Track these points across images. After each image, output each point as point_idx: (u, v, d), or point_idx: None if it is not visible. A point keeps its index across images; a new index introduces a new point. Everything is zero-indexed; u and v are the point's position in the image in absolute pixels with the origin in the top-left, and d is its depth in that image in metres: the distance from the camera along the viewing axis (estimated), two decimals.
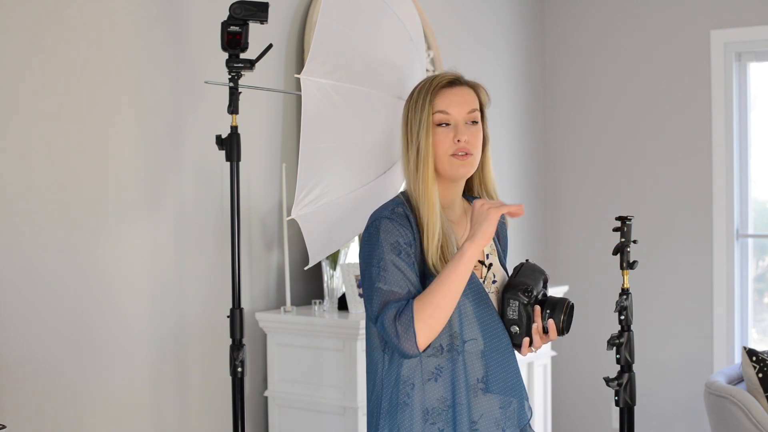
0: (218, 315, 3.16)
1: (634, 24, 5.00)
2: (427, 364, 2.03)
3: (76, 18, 2.76)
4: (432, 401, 2.02)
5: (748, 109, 4.81)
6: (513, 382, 2.07)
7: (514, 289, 2.08)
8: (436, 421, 2.02)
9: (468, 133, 2.07)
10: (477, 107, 2.09)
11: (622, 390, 2.43)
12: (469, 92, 2.10)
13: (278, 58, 3.42)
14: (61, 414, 2.72)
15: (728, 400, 3.67)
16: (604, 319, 4.60)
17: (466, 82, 2.12)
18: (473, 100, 2.09)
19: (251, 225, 3.31)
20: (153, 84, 2.99)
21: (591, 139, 5.11)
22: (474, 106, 2.09)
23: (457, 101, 2.07)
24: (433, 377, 2.03)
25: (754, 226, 4.84)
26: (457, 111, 2.07)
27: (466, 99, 2.08)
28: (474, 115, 2.08)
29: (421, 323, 1.95)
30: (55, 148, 2.71)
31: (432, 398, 2.02)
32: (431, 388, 2.03)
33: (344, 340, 3.13)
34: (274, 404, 3.30)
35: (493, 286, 2.12)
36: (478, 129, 2.09)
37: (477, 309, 2.05)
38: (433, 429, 2.02)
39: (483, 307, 2.06)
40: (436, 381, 2.03)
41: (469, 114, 2.08)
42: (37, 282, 2.66)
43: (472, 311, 2.04)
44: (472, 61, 4.56)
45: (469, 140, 2.06)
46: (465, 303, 2.04)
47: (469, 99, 2.09)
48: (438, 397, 2.02)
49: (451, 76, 2.11)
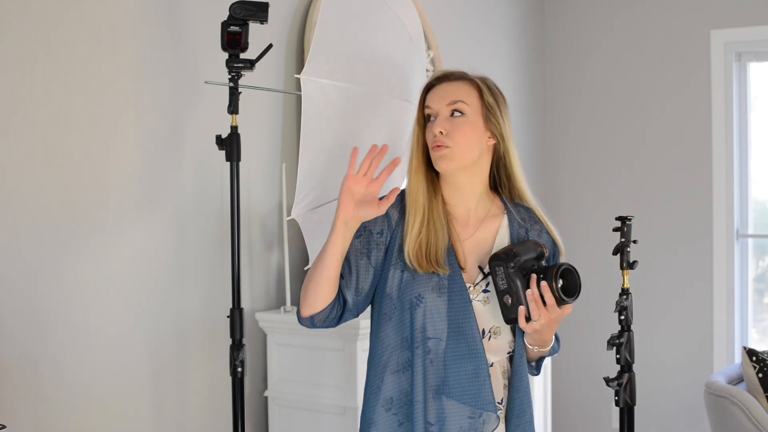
0: (218, 315, 3.16)
1: (634, 24, 5.00)
2: (399, 355, 2.05)
3: (76, 18, 2.76)
4: (396, 392, 2.06)
5: (748, 109, 4.81)
6: (475, 391, 2.01)
7: (497, 255, 1.99)
8: (397, 413, 2.06)
9: (447, 124, 2.04)
10: (462, 99, 2.04)
11: (622, 390, 2.43)
12: (457, 86, 2.07)
13: (278, 58, 3.42)
14: (61, 414, 2.72)
15: (728, 400, 3.67)
16: (604, 319, 4.60)
17: (459, 77, 2.09)
18: (458, 92, 2.05)
19: (251, 225, 3.31)
20: (153, 84, 2.99)
21: (591, 139, 5.11)
22: (457, 97, 2.04)
23: (440, 94, 2.06)
24: (401, 369, 2.05)
25: (754, 226, 4.84)
26: (438, 103, 2.06)
27: (449, 91, 2.06)
28: (456, 106, 2.04)
29: (302, 293, 2.06)
30: (55, 147, 2.71)
31: (396, 389, 2.06)
32: (397, 379, 2.05)
33: (344, 340, 3.13)
34: (274, 404, 3.30)
35: (482, 295, 2.06)
36: (463, 121, 2.04)
37: (451, 309, 2.03)
38: (393, 419, 2.06)
39: (458, 309, 2.03)
40: (403, 374, 2.05)
41: (449, 105, 2.05)
42: (37, 281, 2.66)
43: (444, 310, 2.02)
44: (472, 61, 4.56)
45: (449, 132, 2.03)
46: (436, 300, 2.02)
47: (454, 91, 2.06)
48: (401, 389, 2.05)
49: (439, 72, 2.11)
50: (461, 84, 2.08)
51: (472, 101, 2.06)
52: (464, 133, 2.03)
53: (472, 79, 2.09)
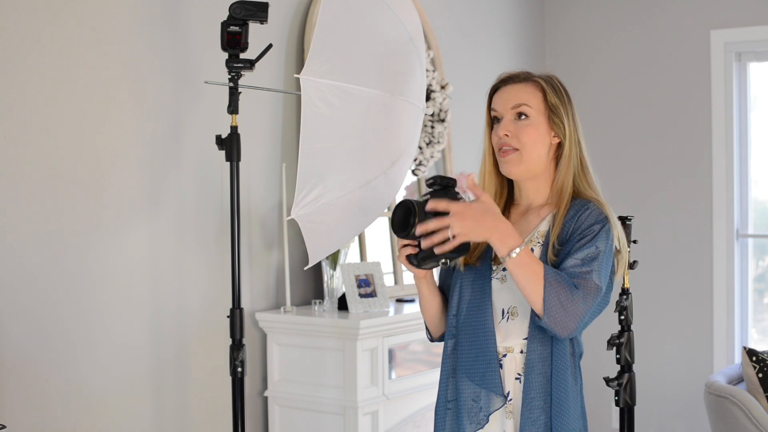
0: (218, 315, 3.16)
1: (634, 24, 5.00)
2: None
3: (76, 18, 2.76)
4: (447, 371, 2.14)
5: (748, 109, 4.81)
6: (482, 371, 2.04)
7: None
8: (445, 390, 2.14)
9: (512, 127, 2.07)
10: (526, 102, 2.07)
11: (622, 390, 2.43)
12: (520, 88, 2.09)
13: (278, 58, 3.42)
14: (61, 414, 2.71)
15: (728, 400, 3.67)
16: (604, 320, 4.60)
17: (524, 79, 2.11)
18: (522, 95, 2.08)
19: (251, 225, 3.31)
20: (153, 84, 2.99)
21: (591, 138, 5.06)
22: (520, 101, 2.07)
23: (504, 97, 2.10)
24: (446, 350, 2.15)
25: (754, 226, 4.84)
26: (503, 107, 2.09)
27: (512, 94, 2.09)
28: (520, 109, 2.07)
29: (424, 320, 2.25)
30: (55, 148, 2.71)
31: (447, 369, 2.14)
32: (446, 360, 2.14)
33: (344, 340, 3.13)
34: (274, 404, 3.30)
35: (501, 273, 2.09)
36: (527, 124, 2.07)
37: (473, 288, 2.10)
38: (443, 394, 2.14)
39: (477, 286, 2.09)
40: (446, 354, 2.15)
41: (513, 109, 2.08)
42: (37, 282, 2.66)
43: (468, 290, 2.10)
44: (472, 61, 4.56)
45: (514, 135, 2.06)
46: (463, 278, 2.11)
47: (517, 94, 2.08)
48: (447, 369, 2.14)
49: (504, 75, 2.14)
50: (525, 86, 2.10)
51: (536, 103, 2.08)
52: (528, 133, 2.07)
53: (536, 80, 2.11)
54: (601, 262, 1.98)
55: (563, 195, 2.08)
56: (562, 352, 2.04)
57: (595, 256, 1.98)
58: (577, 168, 2.11)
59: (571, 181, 2.09)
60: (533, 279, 1.93)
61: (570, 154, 2.10)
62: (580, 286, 1.96)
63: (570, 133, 2.10)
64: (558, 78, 2.14)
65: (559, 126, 2.09)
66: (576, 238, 2.01)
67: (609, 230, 2.03)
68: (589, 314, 1.99)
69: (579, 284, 1.96)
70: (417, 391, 3.37)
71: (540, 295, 1.93)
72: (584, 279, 1.96)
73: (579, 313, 1.95)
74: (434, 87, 4.05)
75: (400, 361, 3.36)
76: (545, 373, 2.03)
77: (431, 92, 4.03)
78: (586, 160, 2.14)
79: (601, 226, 2.02)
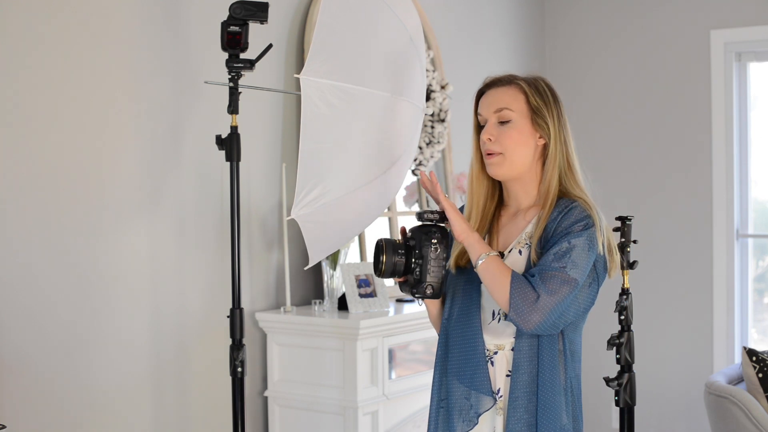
0: (218, 315, 3.16)
1: (633, 24, 5.00)
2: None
3: (76, 18, 2.76)
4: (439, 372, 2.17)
5: (748, 109, 4.81)
6: (471, 372, 2.06)
7: None
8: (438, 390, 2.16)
9: (495, 131, 2.09)
10: (507, 105, 2.09)
11: (622, 390, 2.43)
12: (503, 91, 2.11)
13: (278, 58, 3.42)
14: (61, 414, 2.72)
15: (728, 400, 3.67)
16: (604, 319, 4.60)
17: (507, 82, 2.12)
18: (504, 98, 2.10)
19: (251, 225, 3.31)
20: (153, 84, 2.99)
21: (591, 138, 5.11)
22: (502, 104, 2.09)
23: (488, 102, 2.13)
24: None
25: (754, 226, 4.84)
26: (486, 111, 2.12)
27: (495, 98, 2.11)
28: (502, 113, 2.09)
29: None
30: (55, 148, 2.71)
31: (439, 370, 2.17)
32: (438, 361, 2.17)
33: (344, 340, 3.13)
34: (274, 404, 3.30)
35: None
36: (509, 127, 2.09)
37: (464, 290, 2.15)
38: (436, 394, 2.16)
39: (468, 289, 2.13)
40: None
41: (496, 113, 2.10)
42: (37, 282, 2.66)
43: (460, 290, 2.14)
44: (472, 61, 4.56)
45: (497, 139, 2.09)
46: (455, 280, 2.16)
47: (499, 98, 2.11)
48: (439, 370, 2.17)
49: (488, 78, 2.17)
50: (508, 89, 2.12)
51: (518, 106, 2.10)
52: (511, 136, 2.08)
53: (518, 82, 2.12)
54: (574, 257, 2.00)
55: (548, 196, 2.10)
56: (550, 351, 2.05)
57: (567, 251, 2.00)
58: (563, 168, 2.11)
59: (556, 181, 2.10)
60: (500, 279, 2.00)
61: (555, 155, 2.10)
62: (547, 280, 1.98)
63: (555, 134, 2.09)
64: (544, 79, 2.15)
65: (543, 127, 2.10)
66: (555, 238, 2.04)
67: (590, 228, 2.04)
68: (567, 309, 2.00)
69: (546, 278, 1.98)
70: (417, 391, 3.37)
71: (506, 292, 1.99)
72: (557, 272, 1.98)
73: (545, 307, 1.96)
74: (434, 87, 4.05)
75: (400, 361, 3.36)
76: (531, 372, 2.05)
77: (431, 92, 4.03)
78: (574, 160, 2.13)
79: (583, 225, 2.03)
